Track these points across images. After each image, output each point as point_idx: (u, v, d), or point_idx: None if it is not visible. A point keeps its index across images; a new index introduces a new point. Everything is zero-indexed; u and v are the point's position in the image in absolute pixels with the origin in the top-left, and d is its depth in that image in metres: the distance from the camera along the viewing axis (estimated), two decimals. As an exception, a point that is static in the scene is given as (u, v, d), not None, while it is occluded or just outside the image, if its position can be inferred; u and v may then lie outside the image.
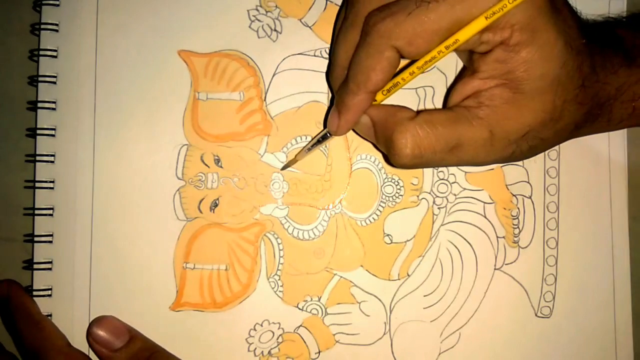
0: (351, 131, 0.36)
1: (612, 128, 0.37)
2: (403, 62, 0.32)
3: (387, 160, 0.36)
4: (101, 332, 0.36)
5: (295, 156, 0.38)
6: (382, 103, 0.34)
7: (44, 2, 0.38)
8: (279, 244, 0.39)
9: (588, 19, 0.38)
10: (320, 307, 0.40)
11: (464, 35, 0.30)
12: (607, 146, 0.42)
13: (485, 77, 0.32)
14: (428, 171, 0.40)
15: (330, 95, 0.40)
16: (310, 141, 0.38)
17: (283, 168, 0.39)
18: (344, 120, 0.33)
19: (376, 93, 0.33)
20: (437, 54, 0.31)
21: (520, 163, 0.41)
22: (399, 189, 0.40)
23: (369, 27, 0.30)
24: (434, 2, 0.29)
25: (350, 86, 0.32)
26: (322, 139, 0.37)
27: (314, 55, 0.40)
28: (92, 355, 0.37)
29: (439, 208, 0.41)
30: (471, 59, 0.33)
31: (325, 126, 0.36)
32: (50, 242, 0.38)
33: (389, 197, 0.40)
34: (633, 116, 0.36)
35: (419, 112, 0.33)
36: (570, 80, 0.31)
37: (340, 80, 0.34)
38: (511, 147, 0.32)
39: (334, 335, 0.40)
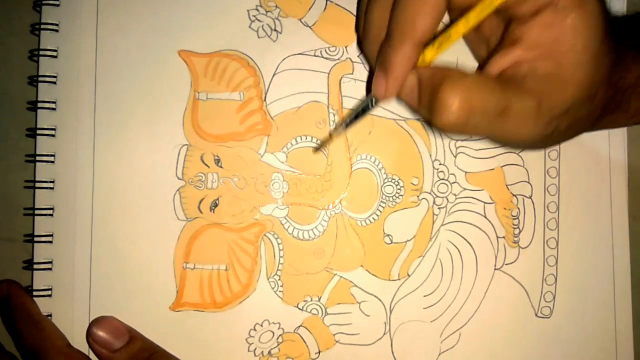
0: (350, 131, 0.36)
1: (627, 121, 0.36)
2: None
3: (429, 123, 0.32)
4: (101, 333, 0.36)
5: (331, 134, 0.36)
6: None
7: (44, 2, 0.38)
8: (279, 244, 0.39)
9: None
10: (320, 307, 0.39)
11: None
12: (607, 146, 0.42)
13: (529, 45, 0.30)
14: (428, 171, 0.40)
15: (330, 96, 0.39)
16: (351, 112, 0.34)
17: (317, 149, 0.37)
18: (392, 79, 0.30)
19: (423, 44, 0.30)
20: (491, 8, 0.28)
21: (520, 163, 0.41)
22: (399, 189, 0.40)
23: None
24: None
25: (394, 40, 0.29)
26: (364, 108, 0.33)
27: (314, 55, 0.40)
28: (92, 355, 0.37)
29: (439, 208, 0.41)
30: (506, 30, 0.31)
31: (368, 92, 0.33)
32: (50, 242, 0.38)
33: (389, 197, 0.40)
34: None
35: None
36: (605, 57, 0.30)
37: (378, 41, 0.31)
38: (553, 124, 0.30)
39: (334, 335, 0.40)
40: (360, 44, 0.33)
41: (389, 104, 0.35)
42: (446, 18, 0.32)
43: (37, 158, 0.38)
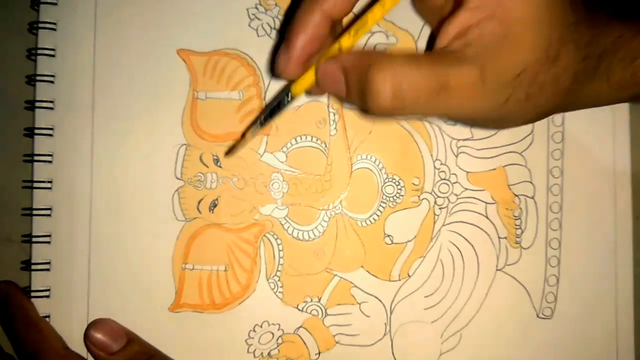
0: (351, 130, 0.36)
1: (613, 94, 0.33)
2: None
3: (363, 110, 0.30)
4: (99, 335, 0.36)
5: (244, 134, 0.34)
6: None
7: (41, 1, 0.38)
8: (278, 244, 0.39)
9: None
10: (320, 308, 0.39)
11: None
12: (611, 146, 0.41)
13: (474, 6, 0.28)
14: (429, 171, 0.40)
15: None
16: (265, 109, 0.34)
17: (228, 152, 0.36)
18: (295, 50, 0.29)
19: (333, 20, 0.29)
20: None
21: (523, 162, 0.41)
22: (400, 189, 0.40)
23: None
24: None
25: (303, 5, 0.28)
26: (279, 104, 0.31)
27: (314, 54, 0.39)
28: (89, 357, 0.37)
29: (440, 208, 0.40)
30: None
31: (272, 73, 0.32)
32: (49, 242, 0.38)
33: (389, 197, 0.40)
34: (633, 82, 0.32)
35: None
36: (564, 13, 0.29)
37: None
38: (506, 91, 0.28)
39: (334, 336, 0.39)
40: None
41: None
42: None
43: (35, 158, 0.38)
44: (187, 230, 0.39)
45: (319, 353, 0.39)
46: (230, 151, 0.37)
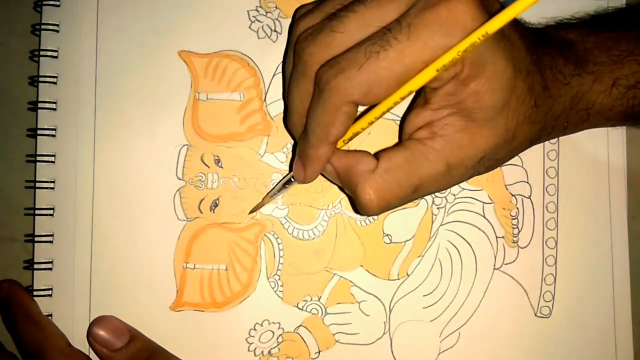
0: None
1: (565, 134, 0.37)
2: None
3: (354, 208, 0.37)
4: (101, 332, 0.36)
5: (263, 199, 0.38)
6: (344, 149, 0.34)
7: (44, 2, 0.38)
8: (279, 244, 0.39)
9: (539, 24, 0.38)
10: (320, 306, 0.40)
11: (416, 85, 0.29)
12: (606, 146, 0.42)
13: (437, 107, 0.32)
14: (427, 171, 0.40)
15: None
16: (275, 186, 0.38)
17: (251, 212, 0.39)
18: (310, 172, 0.33)
19: (337, 143, 0.32)
20: (392, 104, 0.30)
21: (519, 163, 0.41)
22: (399, 189, 0.40)
23: (322, 85, 0.29)
24: (383, 51, 0.28)
25: (310, 140, 0.32)
26: (287, 184, 0.37)
27: (314, 56, 0.40)
28: (92, 355, 0.37)
29: (438, 208, 0.41)
30: (424, 89, 0.32)
31: (290, 170, 0.37)
32: (51, 242, 0.38)
33: (388, 197, 0.40)
34: (587, 122, 0.36)
35: (377, 154, 0.33)
36: (522, 103, 0.31)
37: (299, 128, 0.33)
38: (469, 172, 0.33)
39: (333, 334, 0.40)
40: (285, 119, 0.35)
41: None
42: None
43: (38, 158, 0.38)
44: (188, 229, 0.39)
45: (319, 352, 0.40)
46: (251, 211, 0.39)
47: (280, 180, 0.38)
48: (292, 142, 0.40)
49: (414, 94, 0.31)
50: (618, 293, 0.41)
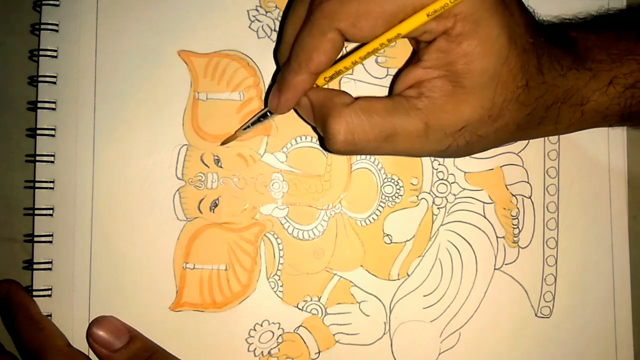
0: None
1: (560, 132, 0.36)
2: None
3: (322, 144, 0.37)
4: (101, 333, 0.36)
5: (235, 132, 0.38)
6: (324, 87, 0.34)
7: (44, 2, 0.38)
8: (278, 244, 0.39)
9: (543, 20, 0.38)
10: (320, 307, 0.40)
11: (405, 28, 0.29)
12: (607, 146, 0.42)
13: (428, 66, 0.31)
14: (427, 171, 0.40)
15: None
16: (250, 119, 0.37)
17: (222, 144, 0.39)
18: (284, 99, 0.33)
19: (318, 75, 0.32)
20: (379, 45, 0.30)
21: (519, 163, 0.41)
22: (399, 189, 0.40)
23: (314, 7, 0.30)
24: None
25: (292, 65, 0.32)
26: (262, 117, 0.36)
27: (314, 56, 0.40)
28: (92, 355, 0.37)
29: (438, 208, 0.41)
30: (417, 46, 0.33)
31: (266, 104, 0.36)
32: (50, 242, 0.38)
33: (388, 197, 0.40)
34: (582, 120, 0.35)
35: (357, 98, 0.32)
36: (513, 79, 0.31)
37: (285, 57, 0.33)
38: (447, 141, 0.32)
39: (333, 335, 0.40)
40: (275, 50, 0.36)
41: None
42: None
43: (37, 158, 0.38)
44: (188, 229, 0.39)
45: (319, 352, 0.40)
46: (224, 142, 0.39)
47: (257, 114, 0.37)
48: (292, 142, 0.40)
49: (399, 39, 0.31)
50: (618, 293, 0.41)
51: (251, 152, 0.39)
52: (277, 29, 0.40)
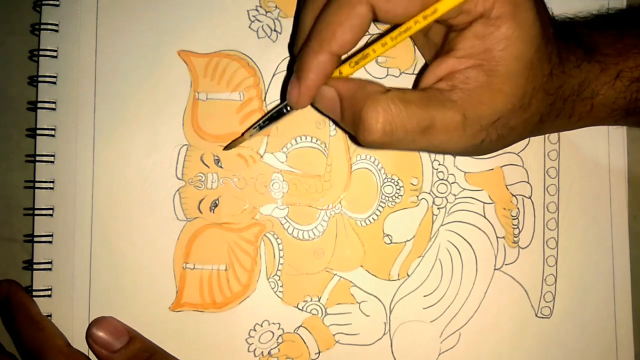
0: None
1: (571, 126, 0.36)
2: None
3: (353, 138, 0.34)
4: (101, 333, 0.36)
5: (243, 133, 0.37)
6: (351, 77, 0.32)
7: (44, 2, 0.38)
8: (278, 244, 0.39)
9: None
10: (320, 307, 0.40)
11: (445, 5, 0.27)
12: (607, 146, 0.42)
13: (462, 55, 0.30)
14: (427, 171, 0.40)
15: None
16: (264, 116, 0.35)
17: (227, 147, 0.38)
18: (305, 87, 0.30)
19: (340, 58, 0.30)
20: (413, 24, 0.28)
21: (520, 163, 0.41)
22: (399, 189, 0.40)
23: None
24: None
25: (312, 44, 0.29)
26: (278, 114, 0.33)
27: (314, 56, 0.40)
28: (91, 355, 0.37)
29: (438, 208, 0.41)
30: (446, 38, 0.32)
31: (282, 99, 0.34)
32: (50, 242, 0.38)
33: (388, 197, 0.40)
34: (590, 115, 0.35)
35: (389, 89, 0.30)
36: (541, 67, 0.31)
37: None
38: (482, 134, 0.31)
39: (333, 335, 0.40)
40: (291, 46, 0.33)
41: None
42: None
43: (37, 158, 0.38)
44: (188, 230, 0.39)
45: (319, 352, 0.40)
46: (228, 147, 0.38)
47: (272, 109, 0.34)
48: (292, 142, 0.40)
49: (433, 24, 0.29)
50: (619, 293, 0.41)
51: (251, 152, 0.39)
52: (277, 29, 0.40)
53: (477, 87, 0.30)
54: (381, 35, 0.30)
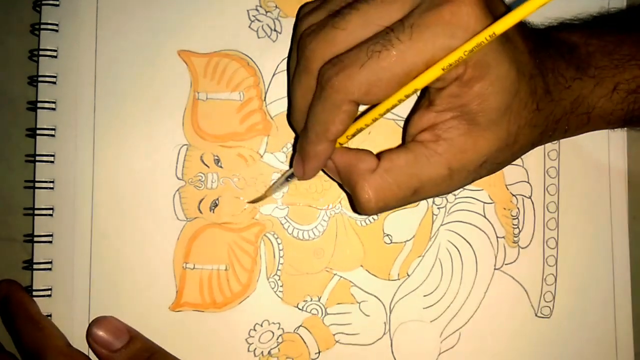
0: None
1: (567, 136, 0.37)
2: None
3: (352, 206, 0.38)
4: (101, 333, 0.36)
5: (265, 192, 0.38)
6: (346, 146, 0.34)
7: (43, 2, 0.38)
8: (278, 244, 0.39)
9: (542, 25, 0.38)
10: (320, 307, 0.40)
11: (420, 83, 0.29)
12: (607, 146, 0.42)
13: (441, 110, 0.31)
14: (428, 171, 0.40)
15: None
16: (277, 179, 0.38)
17: (251, 202, 0.39)
18: (308, 168, 0.33)
19: (337, 140, 0.32)
20: (397, 101, 0.30)
21: (520, 163, 0.41)
22: (399, 189, 0.40)
23: (323, 82, 0.29)
24: (385, 51, 0.28)
25: (310, 136, 0.32)
26: (288, 178, 0.36)
27: (314, 56, 0.40)
28: (91, 355, 0.37)
29: (438, 208, 0.41)
30: (428, 91, 0.32)
31: (291, 166, 0.37)
32: (50, 242, 0.38)
33: (388, 197, 0.40)
34: (588, 126, 0.36)
35: (379, 154, 0.32)
36: (524, 107, 0.31)
37: (301, 124, 0.33)
38: (471, 176, 0.33)
39: (334, 335, 0.40)
40: (288, 115, 0.36)
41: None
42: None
43: (37, 158, 0.38)
44: (188, 229, 0.39)
45: (319, 352, 0.40)
46: (253, 202, 0.39)
47: (282, 175, 0.37)
48: (292, 142, 0.40)
49: (418, 92, 0.31)
50: (619, 293, 0.41)
51: (251, 152, 0.39)
52: (277, 28, 0.40)
53: (460, 136, 0.31)
54: (370, 108, 0.32)
